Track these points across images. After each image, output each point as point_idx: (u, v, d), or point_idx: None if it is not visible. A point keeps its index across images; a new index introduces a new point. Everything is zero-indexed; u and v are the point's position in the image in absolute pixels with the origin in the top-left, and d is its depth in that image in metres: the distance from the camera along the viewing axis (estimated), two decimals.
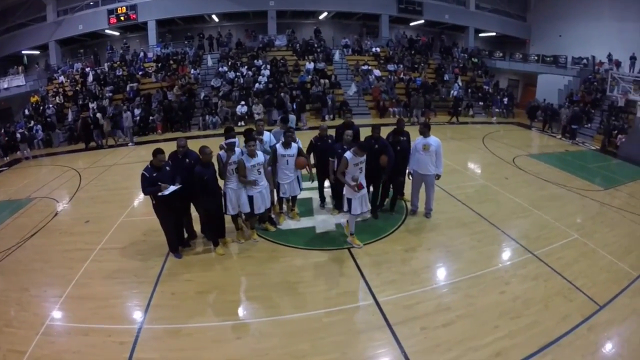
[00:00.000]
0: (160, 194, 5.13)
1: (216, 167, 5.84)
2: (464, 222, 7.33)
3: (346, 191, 5.81)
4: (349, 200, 5.74)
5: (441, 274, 5.81)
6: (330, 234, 6.79)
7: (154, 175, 5.17)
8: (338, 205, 7.23)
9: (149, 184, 5.14)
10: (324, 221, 7.20)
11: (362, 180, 5.72)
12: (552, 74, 21.53)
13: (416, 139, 6.91)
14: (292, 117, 12.72)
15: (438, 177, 7.07)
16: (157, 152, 5.20)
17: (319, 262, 5.91)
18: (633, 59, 18.46)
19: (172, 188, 5.20)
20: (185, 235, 6.33)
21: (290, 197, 6.99)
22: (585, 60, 20.89)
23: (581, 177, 11.38)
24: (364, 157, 5.71)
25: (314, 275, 5.55)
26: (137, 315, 4.82)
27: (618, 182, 11.44)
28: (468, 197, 8.69)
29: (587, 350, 4.44)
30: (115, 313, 4.89)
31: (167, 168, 5.41)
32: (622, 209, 9.23)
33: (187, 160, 5.66)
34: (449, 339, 4.29)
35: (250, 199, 5.88)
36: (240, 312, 4.92)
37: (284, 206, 7.36)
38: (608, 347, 4.55)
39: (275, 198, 6.98)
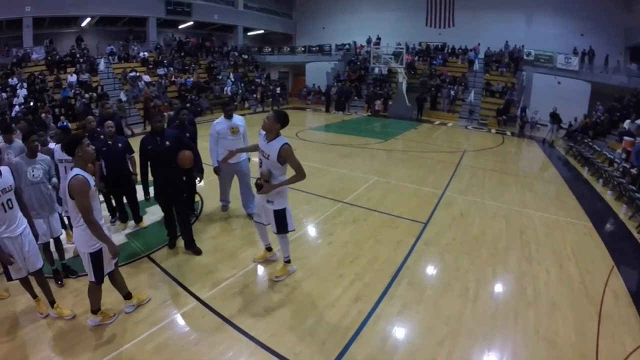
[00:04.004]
0: None
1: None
2: None
3: (277, 197, 3.66)
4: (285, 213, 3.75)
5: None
6: (122, 248, 4.78)
7: None
8: (122, 218, 5.43)
9: None
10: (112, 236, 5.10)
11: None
12: (319, 61, 23.86)
13: (215, 123, 5.33)
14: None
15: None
16: None
17: None
18: (379, 39, 22.54)
19: None
20: None
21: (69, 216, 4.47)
22: (347, 46, 24.13)
23: (361, 136, 12.66)
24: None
25: (115, 298, 3.64)
26: None
27: (393, 134, 13.21)
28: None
29: (433, 261, 4.44)
30: None
31: None
32: (404, 150, 10.40)
33: None
34: (300, 307, 3.56)
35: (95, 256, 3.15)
36: None
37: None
38: (449, 251, 4.64)
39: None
